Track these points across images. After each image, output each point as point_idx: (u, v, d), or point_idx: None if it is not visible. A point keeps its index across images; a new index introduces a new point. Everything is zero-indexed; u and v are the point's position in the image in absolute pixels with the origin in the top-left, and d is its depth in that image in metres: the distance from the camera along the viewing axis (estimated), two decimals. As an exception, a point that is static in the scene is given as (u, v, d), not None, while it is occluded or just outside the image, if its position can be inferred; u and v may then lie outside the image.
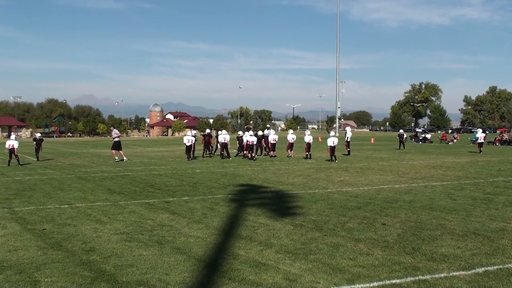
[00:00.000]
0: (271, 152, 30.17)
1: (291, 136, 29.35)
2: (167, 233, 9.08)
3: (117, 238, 8.71)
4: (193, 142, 28.04)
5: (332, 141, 26.22)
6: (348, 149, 31.09)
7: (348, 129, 33.68)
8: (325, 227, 9.45)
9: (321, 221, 10.02)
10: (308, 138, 28.63)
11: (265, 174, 19.66)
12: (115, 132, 28.14)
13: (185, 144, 27.85)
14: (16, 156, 25.15)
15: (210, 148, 31.14)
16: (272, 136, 30.44)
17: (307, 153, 28.45)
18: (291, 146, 29.41)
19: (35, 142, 28.56)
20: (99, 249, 8.02)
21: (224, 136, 29.02)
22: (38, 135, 29.75)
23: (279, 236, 8.75)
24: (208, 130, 30.80)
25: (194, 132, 30.19)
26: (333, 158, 25.80)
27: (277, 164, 24.74)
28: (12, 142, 25.29)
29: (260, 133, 31.24)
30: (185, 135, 29.07)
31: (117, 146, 27.61)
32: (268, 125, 40.41)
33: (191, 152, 28.37)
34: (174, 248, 8.00)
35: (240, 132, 31.06)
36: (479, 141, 34.40)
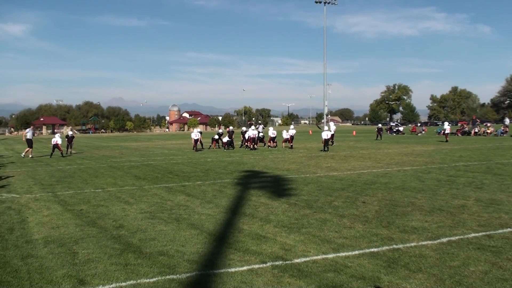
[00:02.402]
0: (270, 143, 30.10)
1: (290, 132, 29.18)
2: (183, 211, 9.08)
3: (142, 216, 8.71)
4: (199, 137, 28.35)
5: (326, 134, 25.95)
6: (331, 140, 31.00)
7: (331, 123, 33.60)
8: (315, 205, 9.43)
9: (312, 200, 9.99)
10: (291, 131, 28.90)
11: (265, 162, 19.62)
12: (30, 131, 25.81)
13: (193, 138, 28.05)
14: (60, 149, 25.19)
15: (231, 142, 31.18)
16: (271, 131, 30.40)
17: (291, 144, 28.64)
18: (291, 139, 29.27)
19: (66, 139, 28.27)
20: (127, 225, 8.02)
21: (253, 132, 28.78)
22: (70, 132, 29.46)
23: (276, 213, 8.74)
24: (231, 127, 30.60)
25: (218, 130, 31.14)
26: (326, 148, 25.46)
27: (275, 154, 24.69)
28: (56, 139, 25.42)
29: (231, 128, 31.32)
30: (192, 132, 29.19)
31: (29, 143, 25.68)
32: (259, 121, 40.24)
33: (200, 144, 29.26)
34: (189, 224, 7.99)
35: (244, 128, 31.00)
36: (447, 131, 34.68)
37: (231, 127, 29.96)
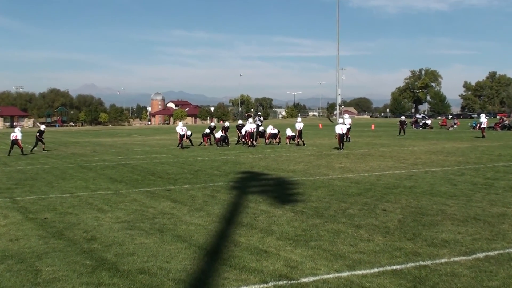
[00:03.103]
0: (273, 140, 30.10)
1: (299, 125, 28.66)
2: (168, 221, 9.06)
3: (118, 227, 8.68)
4: (186, 131, 28.38)
5: (340, 128, 24.76)
6: (347, 136, 30.97)
7: (345, 116, 33.51)
8: (326, 214, 9.42)
9: (322, 208, 9.98)
10: (298, 125, 28.52)
11: (266, 162, 19.61)
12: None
13: (179, 133, 28.05)
14: (20, 146, 25.12)
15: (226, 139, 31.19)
16: (271, 128, 30.40)
17: (298, 140, 28.42)
18: (300, 134, 28.64)
19: (38, 134, 28.24)
20: (101, 237, 8.00)
21: (251, 126, 28.69)
22: (43, 127, 29.44)
23: (280, 223, 8.72)
24: (227, 123, 30.24)
25: (212, 125, 31.55)
26: (341, 146, 24.56)
27: (278, 152, 24.68)
28: (16, 133, 25.34)
29: (227, 124, 31.29)
30: (177, 126, 29.15)
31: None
32: (259, 113, 40.14)
33: (189, 141, 29.19)
34: (175, 236, 7.97)
35: (240, 121, 30.96)
36: (483, 125, 34.22)
37: (226, 123, 29.81)
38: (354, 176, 14.75)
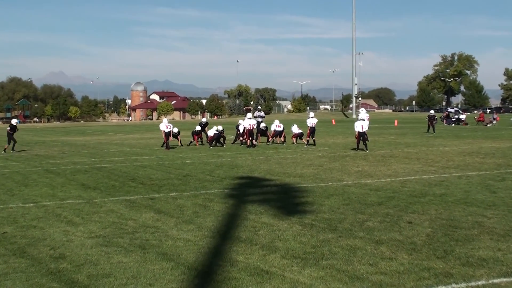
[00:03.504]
0: (277, 139, 30.13)
1: (311, 121, 28.46)
2: (151, 235, 9.06)
3: (92, 243, 8.69)
4: (172, 128, 28.40)
5: (360, 125, 24.43)
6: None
7: (362, 110, 33.45)
8: (340, 227, 9.42)
9: (335, 220, 9.99)
10: (310, 121, 28.31)
11: (269, 165, 19.62)
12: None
13: (163, 130, 28.04)
14: None
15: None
16: (276, 123, 30.41)
17: (308, 138, 28.29)
18: (312, 132, 28.39)
19: (9, 130, 28.25)
20: (71, 256, 8.00)
21: (250, 122, 28.60)
22: (15, 121, 29.46)
23: (285, 238, 8.73)
24: (220, 127, 30.05)
25: (204, 120, 32.08)
26: (364, 147, 24.38)
27: (283, 153, 24.69)
28: None
29: (204, 120, 31.29)
30: (162, 122, 29.14)
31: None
32: (259, 106, 39.94)
33: (176, 139, 29.30)
34: (160, 254, 7.97)
35: (241, 121, 30.82)
36: None
37: (220, 128, 29.55)
38: (374, 182, 14.75)
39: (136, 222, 10.16)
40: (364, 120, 25.79)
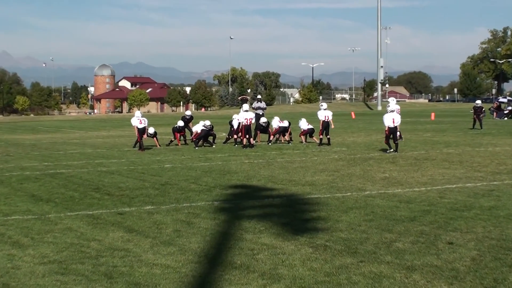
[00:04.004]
0: (281, 137, 30.14)
1: (323, 113, 28.22)
2: (120, 261, 9.04)
3: (44, 270, 8.67)
4: (147, 123, 28.37)
5: (391, 118, 24.36)
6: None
7: (391, 100, 33.35)
8: (362, 249, 9.41)
9: (356, 240, 9.98)
10: (322, 114, 28.11)
11: (270, 170, 19.61)
12: None
13: (136, 126, 28.02)
14: None
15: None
16: (277, 120, 30.43)
17: (321, 136, 28.16)
18: (325, 128, 28.15)
19: None
20: (17, 286, 7.98)
21: (247, 115, 28.60)
22: None
23: (291, 264, 8.72)
24: (207, 122, 30.09)
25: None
26: (394, 146, 24.34)
27: (288, 154, 24.68)
28: None
29: (188, 113, 31.43)
30: (134, 116, 29.13)
31: None
32: (259, 95, 39.80)
33: (152, 138, 29.66)
34: (131, 284, 7.97)
35: (235, 116, 30.80)
36: None
37: (207, 122, 29.60)
38: (405, 192, 14.75)
39: (101, 243, 10.14)
40: (393, 111, 25.60)
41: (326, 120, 28.10)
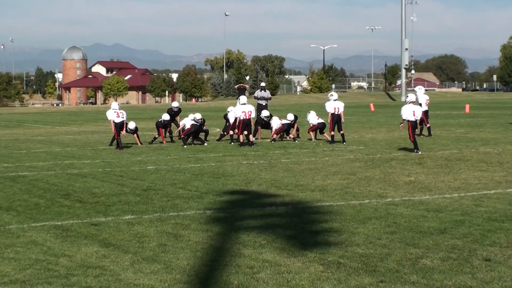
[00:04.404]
0: (287, 135, 30.17)
1: (333, 105, 28.02)
2: (95, 280, 9.06)
3: (4, 291, 8.68)
4: (125, 117, 28.27)
5: (411, 110, 24.38)
6: (427, 125, 30.97)
7: (419, 89, 33.32)
8: (382, 267, 9.43)
9: (375, 256, 10.00)
10: (332, 105, 27.96)
11: (273, 173, 19.62)
12: None
13: (112, 120, 27.98)
14: None
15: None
16: (276, 120, 30.43)
17: (332, 132, 28.06)
18: (336, 121, 28.04)
19: None
20: (-27, 311, 8.00)
21: (245, 108, 28.57)
22: None
23: (298, 284, 8.75)
24: (198, 115, 30.06)
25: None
26: (415, 144, 24.20)
27: (295, 154, 24.68)
28: None
29: (175, 104, 31.47)
30: (110, 109, 29.12)
31: None
32: (262, 82, 39.79)
33: (135, 136, 29.75)
34: (108, 308, 7.97)
35: (231, 108, 30.82)
36: None
37: (198, 116, 29.62)
38: (434, 199, 14.77)
39: (72, 259, 10.15)
40: (415, 102, 25.37)
41: (336, 113, 27.90)
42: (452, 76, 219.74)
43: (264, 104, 33.36)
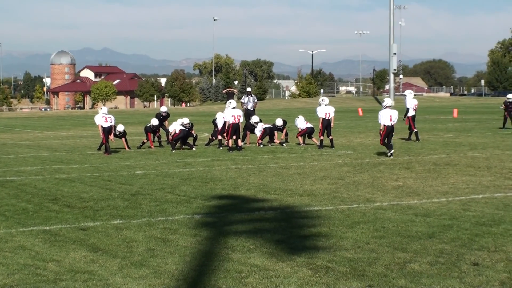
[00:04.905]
0: (276, 139, 30.17)
1: (324, 110, 28.20)
2: (83, 285, 9.04)
3: (-8, 297, 8.66)
4: (114, 122, 28.26)
5: (388, 115, 24.79)
6: (414, 130, 31.02)
7: (408, 93, 33.43)
8: (370, 271, 9.45)
9: (363, 261, 10.02)
10: (323, 110, 28.13)
11: (262, 177, 19.63)
12: None
13: (100, 125, 27.98)
14: None
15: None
16: (259, 124, 30.40)
17: (321, 136, 28.15)
18: (326, 126, 28.20)
19: None
20: (-40, 316, 7.98)
21: (233, 112, 28.55)
22: None
23: (286, 289, 8.75)
24: (186, 119, 30.07)
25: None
26: (388, 148, 24.75)
27: (284, 159, 24.69)
28: None
29: (164, 109, 31.58)
30: (98, 114, 29.11)
31: None
32: (249, 89, 39.64)
33: (123, 140, 29.67)
34: (96, 313, 7.96)
35: (219, 114, 30.82)
36: None
37: (185, 120, 29.61)
38: (422, 203, 14.81)
39: (60, 264, 10.13)
40: (391, 107, 25.34)
41: (327, 118, 28.14)
42: (440, 80, 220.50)
43: (251, 109, 33.39)
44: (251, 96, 35.06)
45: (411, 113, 31.14)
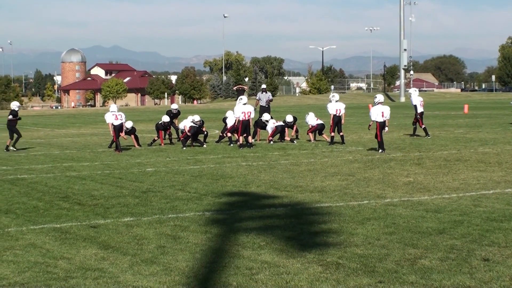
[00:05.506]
0: (288, 137, 30.16)
1: (335, 106, 28.19)
2: (94, 282, 9.06)
3: (3, 294, 8.68)
4: (124, 119, 28.30)
5: (380, 112, 25.09)
6: (422, 126, 31.00)
7: (413, 91, 33.35)
8: (381, 267, 9.44)
9: (374, 257, 10.00)
10: (334, 106, 28.12)
11: (272, 174, 19.62)
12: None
13: (110, 123, 28.03)
14: None
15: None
16: (271, 121, 30.40)
17: (332, 133, 28.13)
18: (337, 123, 28.15)
19: (11, 117, 29.42)
20: (-28, 314, 8.00)
21: (245, 108, 28.45)
22: (16, 105, 30.69)
23: (297, 285, 8.74)
24: (197, 117, 30.14)
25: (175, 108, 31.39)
26: (380, 145, 25.10)
27: (294, 155, 24.66)
28: None
29: (174, 106, 31.51)
30: (108, 111, 29.19)
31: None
32: (264, 85, 39.54)
33: (134, 138, 29.88)
34: (107, 310, 7.97)
35: (229, 112, 30.80)
36: None
37: (196, 118, 29.61)
38: (432, 199, 14.79)
39: (71, 262, 10.15)
40: (382, 102, 25.41)
41: (338, 114, 28.12)
42: (451, 76, 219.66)
43: (266, 106, 33.37)
44: (266, 92, 34.97)
45: (419, 109, 31.11)
